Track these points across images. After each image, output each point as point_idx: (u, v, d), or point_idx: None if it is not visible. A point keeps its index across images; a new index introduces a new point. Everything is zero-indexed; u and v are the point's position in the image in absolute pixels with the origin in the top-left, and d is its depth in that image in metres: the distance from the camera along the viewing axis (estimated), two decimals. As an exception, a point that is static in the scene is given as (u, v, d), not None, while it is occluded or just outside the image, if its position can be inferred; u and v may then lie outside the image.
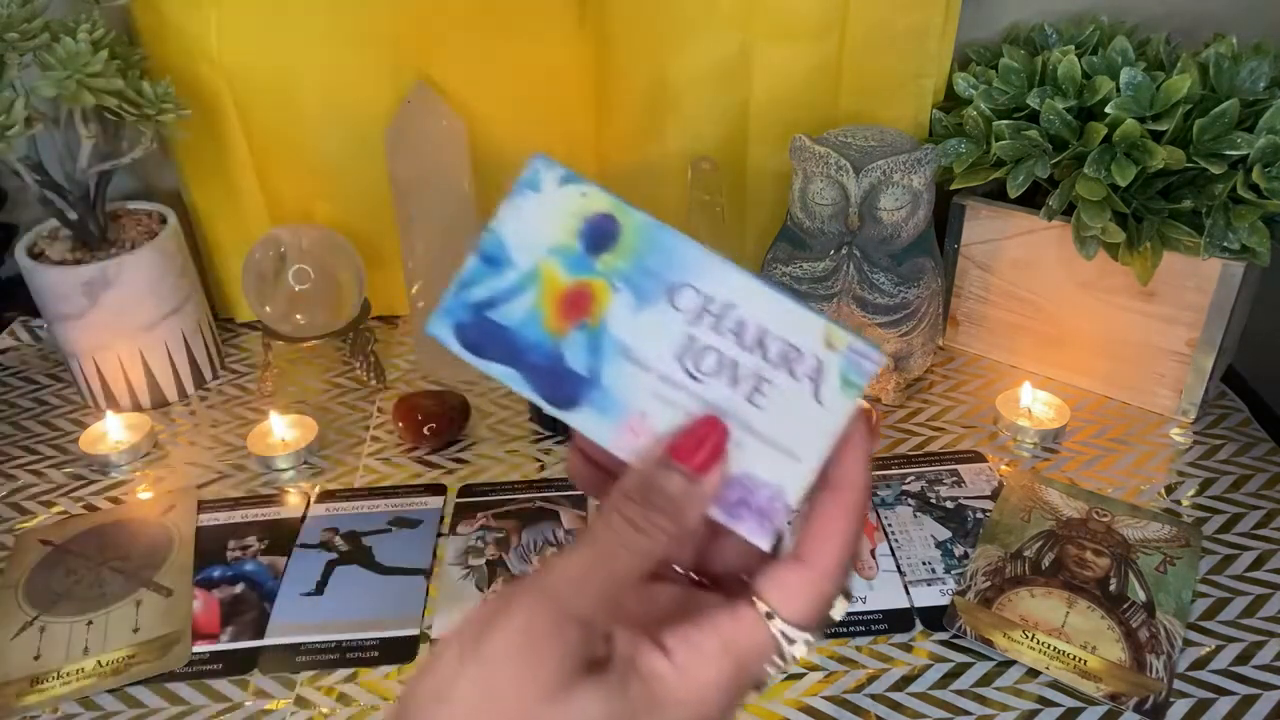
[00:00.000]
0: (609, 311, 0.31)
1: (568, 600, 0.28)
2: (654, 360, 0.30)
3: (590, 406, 0.31)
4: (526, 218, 0.31)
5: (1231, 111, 0.67)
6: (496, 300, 0.31)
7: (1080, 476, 0.74)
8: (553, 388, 0.31)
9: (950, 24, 0.80)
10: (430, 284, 0.82)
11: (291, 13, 0.79)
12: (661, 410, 0.30)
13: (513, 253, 0.31)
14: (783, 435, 0.30)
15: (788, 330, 0.30)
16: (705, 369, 0.30)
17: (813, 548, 0.30)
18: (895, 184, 0.73)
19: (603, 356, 0.31)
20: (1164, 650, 0.59)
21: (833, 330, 0.30)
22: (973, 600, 0.63)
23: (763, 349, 0.30)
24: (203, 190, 0.89)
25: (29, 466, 0.79)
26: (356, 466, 0.78)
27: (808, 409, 0.30)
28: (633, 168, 0.86)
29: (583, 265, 0.31)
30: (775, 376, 0.30)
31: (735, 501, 0.30)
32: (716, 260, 0.31)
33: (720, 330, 0.30)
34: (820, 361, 0.30)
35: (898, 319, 0.77)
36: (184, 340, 0.84)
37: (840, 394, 0.30)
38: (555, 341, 0.31)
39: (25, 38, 0.68)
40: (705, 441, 0.30)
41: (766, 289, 0.30)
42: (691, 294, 0.30)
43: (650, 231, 0.31)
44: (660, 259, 0.31)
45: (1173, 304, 0.75)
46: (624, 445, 0.30)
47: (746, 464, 0.30)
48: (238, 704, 0.59)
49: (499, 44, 0.81)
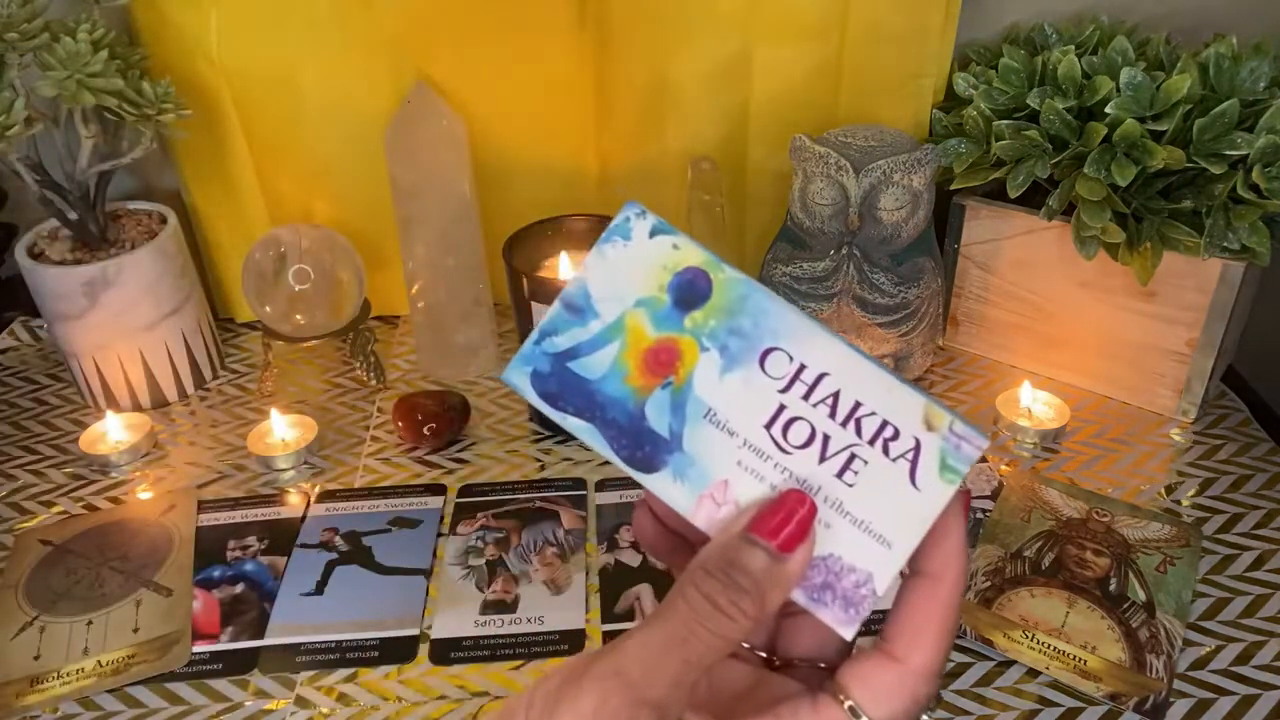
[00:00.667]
0: (696, 372, 0.29)
1: (641, 684, 0.26)
2: (741, 427, 0.29)
3: (670, 470, 0.29)
4: (614, 267, 0.30)
5: (1231, 111, 0.67)
6: (578, 351, 0.30)
7: (1080, 476, 0.74)
8: (631, 447, 0.29)
9: (950, 24, 0.79)
10: (430, 284, 0.82)
11: (291, 13, 0.79)
12: (746, 481, 0.29)
13: (598, 303, 0.30)
14: (874, 518, 0.28)
15: (884, 407, 0.28)
16: (794, 440, 0.29)
17: (906, 643, 0.28)
18: (895, 184, 0.73)
19: (686, 419, 0.29)
20: (1164, 650, 0.59)
21: (933, 410, 0.28)
22: (973, 600, 0.63)
23: (856, 424, 0.28)
24: (203, 190, 0.89)
25: (29, 466, 0.79)
26: (356, 466, 0.78)
27: (902, 492, 0.28)
28: (633, 168, 0.86)
29: (671, 321, 0.29)
30: (869, 455, 0.28)
31: (819, 585, 0.28)
32: (812, 326, 0.29)
33: (812, 400, 0.29)
34: (918, 442, 0.28)
35: (898, 319, 0.77)
36: (184, 340, 0.84)
37: (938, 479, 0.28)
38: (637, 399, 0.29)
39: (25, 38, 0.68)
40: (792, 518, 0.28)
41: (864, 360, 0.29)
42: (784, 360, 0.29)
43: (743, 290, 0.29)
44: (752, 320, 0.29)
45: (1173, 304, 0.75)
46: (704, 515, 0.29)
47: (834, 546, 0.28)
48: (238, 704, 0.59)
49: (499, 44, 0.81)
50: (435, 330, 0.85)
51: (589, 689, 0.26)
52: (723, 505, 0.29)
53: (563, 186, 0.87)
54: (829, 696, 0.28)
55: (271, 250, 0.81)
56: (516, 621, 0.63)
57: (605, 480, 0.75)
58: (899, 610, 0.29)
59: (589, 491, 0.74)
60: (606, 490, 0.74)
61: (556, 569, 0.67)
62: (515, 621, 0.63)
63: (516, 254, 0.76)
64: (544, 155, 0.86)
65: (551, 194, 0.86)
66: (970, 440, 0.28)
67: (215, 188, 0.89)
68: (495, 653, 0.62)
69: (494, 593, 0.66)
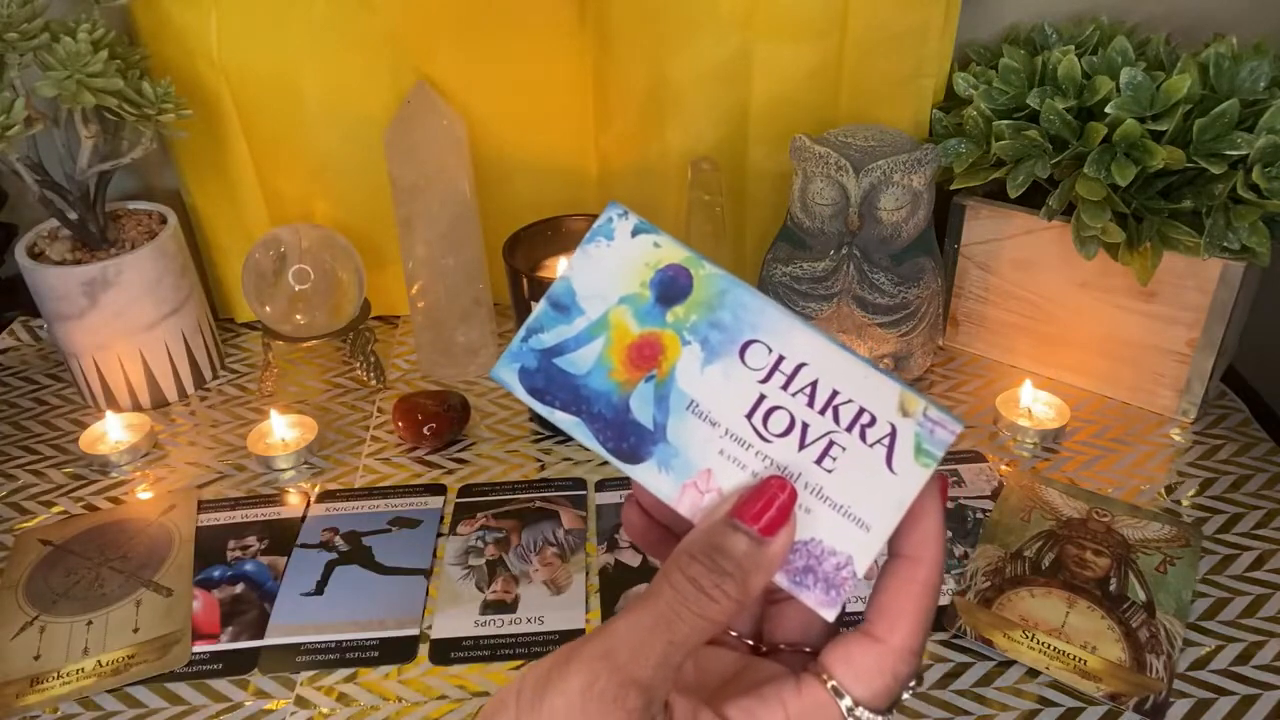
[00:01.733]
0: (678, 365, 0.30)
1: (628, 665, 0.27)
2: (722, 417, 0.30)
3: (655, 461, 0.30)
4: (598, 266, 0.31)
5: (1231, 111, 0.67)
6: (564, 347, 0.31)
7: (1080, 476, 0.74)
8: (617, 439, 0.30)
9: (950, 24, 0.79)
10: (430, 284, 0.82)
11: (291, 13, 0.79)
12: (728, 469, 0.30)
13: (583, 301, 0.31)
14: (853, 502, 0.29)
15: (861, 394, 0.29)
16: (775, 429, 0.30)
17: (887, 624, 0.29)
18: (895, 184, 0.73)
19: (670, 410, 0.30)
20: (1164, 650, 0.59)
21: (908, 396, 0.29)
22: (973, 600, 0.63)
23: (834, 412, 0.29)
24: (203, 190, 0.89)
25: (29, 466, 0.79)
26: (356, 466, 0.78)
27: (880, 477, 0.29)
28: (633, 168, 0.86)
29: (653, 317, 0.30)
30: (847, 441, 0.29)
31: (801, 569, 0.29)
32: (791, 318, 0.30)
33: (791, 390, 0.30)
34: (894, 428, 0.29)
35: (898, 319, 0.77)
36: (184, 340, 0.84)
37: (914, 463, 0.29)
38: (622, 392, 0.30)
39: (25, 38, 0.68)
40: (773, 503, 0.29)
41: (841, 351, 0.30)
42: (763, 351, 0.30)
43: (723, 285, 0.30)
44: (732, 314, 0.30)
45: (1173, 304, 0.75)
46: (688, 503, 0.30)
47: (814, 530, 0.29)
48: (238, 704, 0.59)
49: (499, 44, 0.81)
50: (435, 330, 0.85)
51: (577, 670, 0.27)
52: (706, 493, 0.30)
53: (563, 186, 0.87)
54: (812, 677, 0.29)
55: (271, 250, 0.81)
56: (516, 622, 0.63)
57: (605, 480, 0.75)
58: (879, 592, 0.30)
59: (589, 491, 0.74)
60: (606, 490, 0.74)
61: (556, 569, 0.67)
62: (515, 622, 0.63)
63: (516, 254, 0.76)
64: (544, 155, 0.86)
65: (551, 194, 0.86)
66: (944, 425, 0.29)
67: (215, 188, 0.89)
68: (495, 653, 0.62)
69: (494, 593, 0.66)
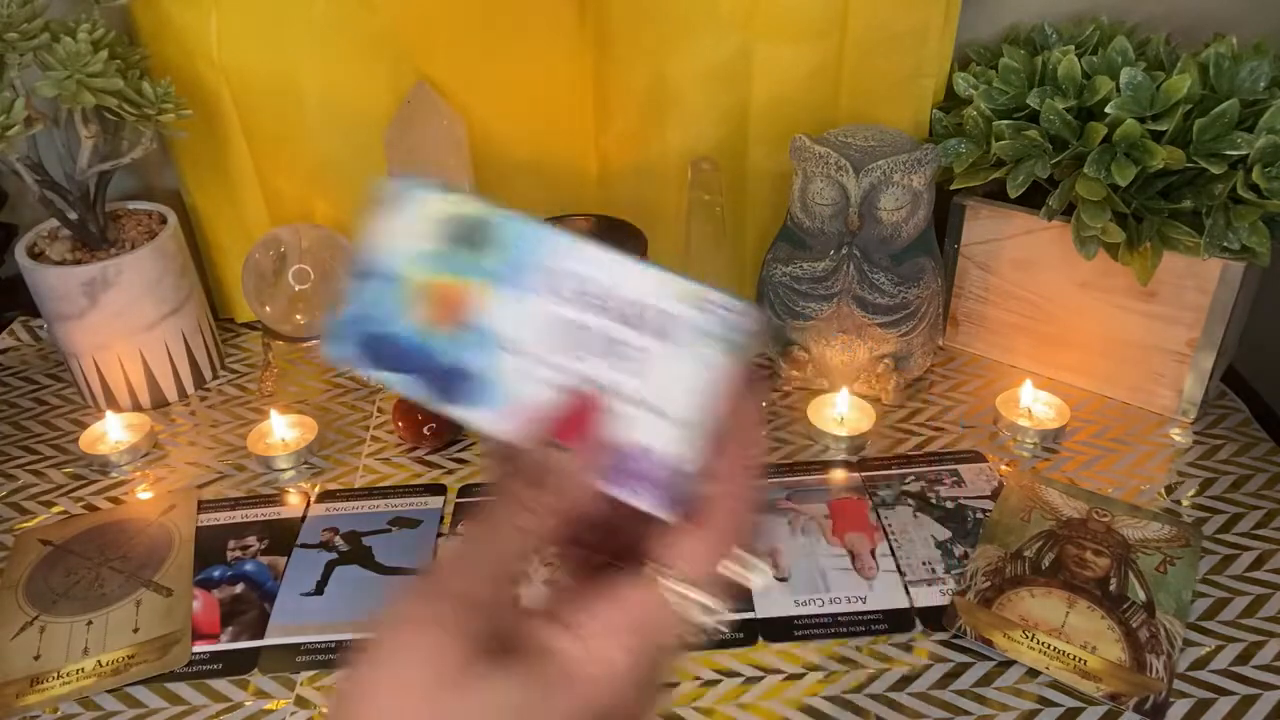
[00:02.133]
0: (487, 307, 0.31)
1: (455, 581, 0.29)
2: (534, 347, 0.31)
3: (477, 399, 0.32)
4: (392, 231, 0.32)
5: (1231, 111, 0.67)
6: (376, 313, 0.32)
7: (1080, 476, 0.74)
8: (442, 387, 0.32)
9: (950, 24, 0.80)
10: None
11: (291, 13, 0.79)
12: (545, 394, 0.31)
13: (382, 266, 0.32)
14: (668, 402, 0.31)
15: (662, 299, 0.31)
16: (586, 349, 0.31)
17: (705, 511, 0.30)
18: (895, 184, 0.73)
19: (485, 350, 0.31)
20: (1164, 650, 0.59)
21: (705, 293, 0.31)
22: (973, 600, 0.63)
23: (641, 321, 0.31)
24: (203, 190, 0.89)
25: (29, 466, 0.79)
26: (356, 466, 0.78)
27: (690, 373, 0.31)
28: (633, 168, 0.86)
29: (454, 266, 0.32)
30: (655, 346, 0.31)
31: (630, 474, 0.31)
32: (585, 244, 0.31)
33: (597, 310, 0.31)
34: (697, 325, 0.30)
35: (898, 319, 0.77)
36: (184, 340, 0.84)
37: (718, 354, 0.30)
38: (438, 342, 0.32)
39: (25, 38, 0.68)
40: (582, 416, 0.30)
41: (637, 264, 0.31)
42: (565, 279, 0.31)
43: (515, 225, 0.32)
44: (529, 250, 0.31)
45: (1173, 304, 0.75)
46: (509, 431, 0.31)
47: (637, 435, 0.31)
48: (238, 704, 0.59)
49: (499, 44, 0.81)
50: (435, 330, 0.85)
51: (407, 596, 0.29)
52: (525, 419, 0.31)
53: (563, 186, 0.87)
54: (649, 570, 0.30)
55: (271, 250, 0.81)
56: (516, 621, 0.63)
57: (605, 480, 0.75)
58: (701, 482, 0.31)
59: (589, 491, 0.74)
60: (606, 490, 0.74)
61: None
62: (515, 621, 0.63)
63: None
64: (544, 155, 0.86)
65: (551, 194, 0.86)
66: (741, 312, 0.30)
67: (215, 188, 0.89)
68: (495, 653, 0.61)
69: (494, 593, 0.66)
